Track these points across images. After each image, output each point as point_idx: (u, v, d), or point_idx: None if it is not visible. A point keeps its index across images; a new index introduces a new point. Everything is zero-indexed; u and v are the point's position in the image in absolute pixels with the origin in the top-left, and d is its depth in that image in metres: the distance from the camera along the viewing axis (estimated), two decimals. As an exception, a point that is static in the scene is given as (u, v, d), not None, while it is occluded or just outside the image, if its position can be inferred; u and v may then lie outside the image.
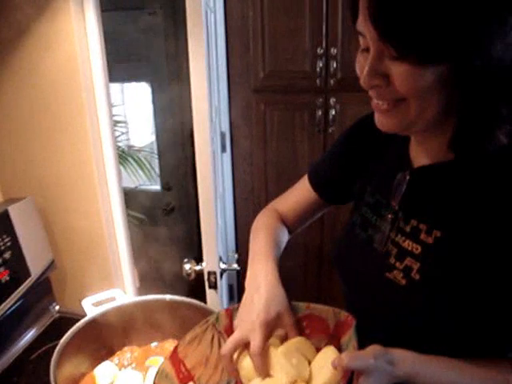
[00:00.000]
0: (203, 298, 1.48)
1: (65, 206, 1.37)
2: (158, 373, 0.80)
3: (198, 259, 1.55)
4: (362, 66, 0.68)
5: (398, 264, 0.76)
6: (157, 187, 3.09)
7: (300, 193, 1.06)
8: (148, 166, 2.93)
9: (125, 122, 3.05)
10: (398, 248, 0.78)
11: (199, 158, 1.47)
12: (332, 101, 2.14)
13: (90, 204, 1.33)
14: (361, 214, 0.89)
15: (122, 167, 2.62)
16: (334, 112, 2.15)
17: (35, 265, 1.34)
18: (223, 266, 1.53)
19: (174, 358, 0.82)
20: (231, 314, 0.85)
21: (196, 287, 2.47)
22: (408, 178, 0.78)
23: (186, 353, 0.83)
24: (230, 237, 2.47)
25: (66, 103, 1.25)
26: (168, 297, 1.21)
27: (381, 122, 0.71)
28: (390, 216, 0.81)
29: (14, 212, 1.29)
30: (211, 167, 1.42)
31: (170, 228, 2.90)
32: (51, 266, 1.39)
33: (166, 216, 2.94)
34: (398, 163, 0.82)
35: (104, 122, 1.31)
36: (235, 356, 0.78)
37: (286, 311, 0.80)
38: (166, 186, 2.97)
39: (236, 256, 1.50)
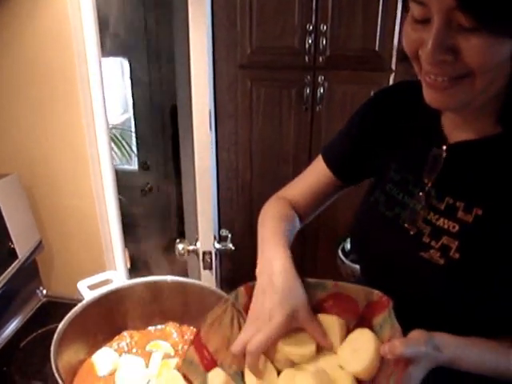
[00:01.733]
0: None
1: (53, 184, 1.29)
2: (184, 361, 0.75)
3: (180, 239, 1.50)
4: (413, 40, 0.63)
5: (433, 243, 0.73)
6: (133, 167, 2.99)
7: (312, 177, 1.00)
8: (125, 144, 2.83)
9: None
10: (431, 226, 0.74)
11: (197, 134, 1.41)
12: (320, 78, 2.10)
13: (82, 182, 1.26)
14: (385, 191, 0.85)
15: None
16: (321, 90, 2.12)
17: (22, 246, 1.26)
18: (218, 245, 1.48)
19: (197, 343, 0.77)
20: (250, 291, 0.79)
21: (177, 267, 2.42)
22: (445, 153, 0.75)
23: (207, 337, 0.78)
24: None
25: (56, 71, 1.16)
26: (169, 278, 1.16)
27: (436, 99, 0.65)
28: (421, 193, 0.77)
29: (-2, 190, 1.20)
30: (209, 144, 1.36)
31: (148, 209, 2.82)
32: (39, 247, 1.31)
33: (143, 196, 2.86)
34: (429, 138, 0.78)
35: (96, 95, 1.22)
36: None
37: (303, 307, 0.72)
38: (143, 166, 2.87)
39: (229, 235, 1.45)
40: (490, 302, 0.69)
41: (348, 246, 2.25)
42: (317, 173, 0.98)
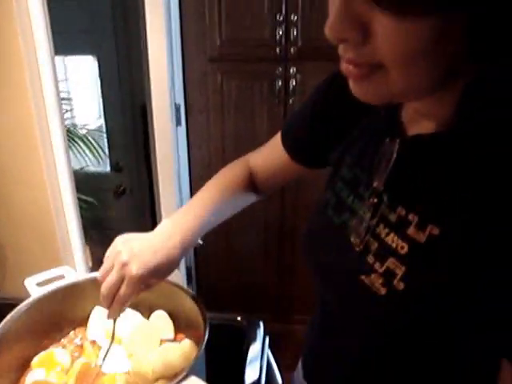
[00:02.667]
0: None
1: (4, 175, 1.20)
2: None
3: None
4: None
5: (377, 265, 0.58)
6: (105, 169, 2.91)
7: (274, 151, 0.89)
8: (96, 145, 2.74)
9: (69, 99, 2.83)
10: (379, 243, 0.59)
11: (157, 130, 1.35)
12: (292, 70, 2.04)
13: (34, 170, 1.17)
14: (335, 191, 0.70)
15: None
16: (294, 82, 2.06)
17: (-32, 243, 1.17)
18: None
19: None
20: None
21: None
22: (397, 148, 0.58)
23: None
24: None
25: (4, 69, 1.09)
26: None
27: (355, 90, 0.52)
28: (371, 199, 0.62)
29: None
30: (172, 137, 1.29)
31: (121, 211, 2.73)
32: (-13, 244, 1.22)
33: (116, 199, 2.77)
34: (387, 128, 0.62)
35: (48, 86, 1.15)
36: None
37: (160, 277, 0.81)
38: (115, 167, 2.79)
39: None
40: (438, 342, 0.56)
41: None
42: (278, 149, 0.87)
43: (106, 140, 2.82)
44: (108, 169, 2.89)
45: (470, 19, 0.42)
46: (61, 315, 1.03)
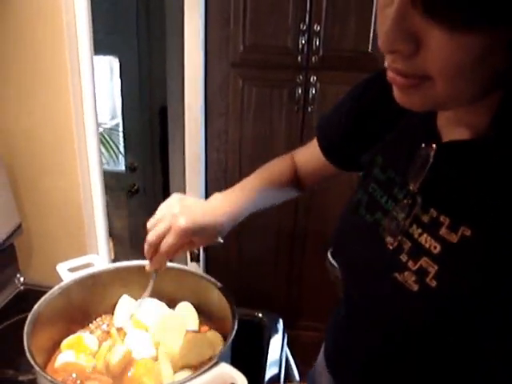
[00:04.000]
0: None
1: (36, 164, 1.24)
2: None
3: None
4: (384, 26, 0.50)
5: (410, 263, 0.60)
6: (117, 167, 2.94)
7: (314, 149, 0.92)
8: (113, 144, 2.78)
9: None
10: (412, 242, 0.62)
11: (188, 124, 1.39)
12: (313, 79, 2.08)
13: (66, 162, 1.21)
14: (368, 191, 0.73)
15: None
16: (314, 91, 2.10)
17: (0, 229, 1.20)
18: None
19: None
20: None
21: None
22: (433, 153, 0.61)
23: None
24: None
25: (44, 44, 1.13)
26: (154, 263, 1.10)
27: (400, 98, 0.54)
28: (405, 200, 0.64)
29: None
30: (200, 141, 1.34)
31: (133, 210, 2.76)
32: (17, 230, 1.25)
33: (129, 198, 2.80)
34: (422, 134, 0.65)
35: (87, 84, 1.19)
36: None
37: (204, 238, 0.84)
38: (130, 167, 2.82)
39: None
40: (468, 339, 0.57)
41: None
42: (315, 148, 0.91)
43: (122, 140, 2.86)
44: (122, 168, 2.92)
45: None
46: (89, 301, 1.07)
